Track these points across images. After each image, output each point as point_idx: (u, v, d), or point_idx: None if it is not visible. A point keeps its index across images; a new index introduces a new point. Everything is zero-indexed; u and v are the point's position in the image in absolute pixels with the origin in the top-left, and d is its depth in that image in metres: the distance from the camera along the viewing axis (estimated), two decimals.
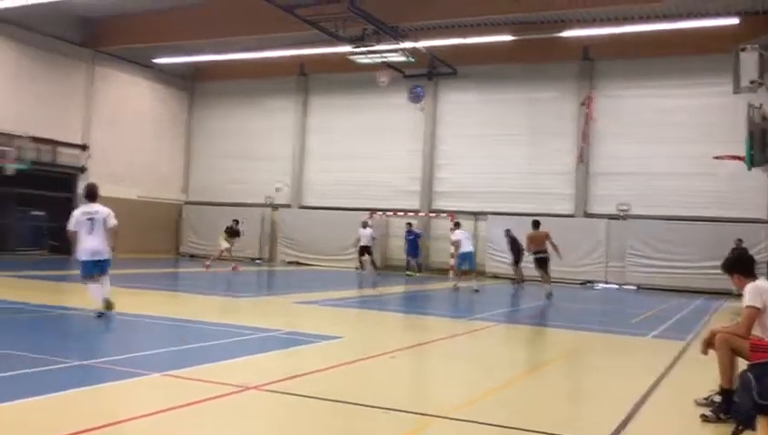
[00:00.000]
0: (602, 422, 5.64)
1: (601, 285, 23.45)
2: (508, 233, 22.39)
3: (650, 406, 6.26)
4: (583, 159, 24.37)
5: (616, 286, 23.27)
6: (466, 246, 18.17)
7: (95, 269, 9.87)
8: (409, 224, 25.68)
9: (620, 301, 19.19)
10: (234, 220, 22.83)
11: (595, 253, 23.78)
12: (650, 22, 21.61)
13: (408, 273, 24.56)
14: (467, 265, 18.33)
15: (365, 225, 24.63)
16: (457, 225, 19.38)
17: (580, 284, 23.60)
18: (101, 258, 9.88)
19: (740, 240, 20.36)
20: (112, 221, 9.95)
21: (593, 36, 23.13)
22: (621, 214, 23.95)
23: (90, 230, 9.79)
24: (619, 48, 23.56)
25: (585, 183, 24.53)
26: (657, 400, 6.57)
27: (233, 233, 22.21)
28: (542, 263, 17.46)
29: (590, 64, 24.66)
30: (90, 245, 9.80)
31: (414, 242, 25.26)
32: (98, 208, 9.98)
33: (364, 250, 24.25)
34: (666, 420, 6.03)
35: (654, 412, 6.12)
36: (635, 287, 22.92)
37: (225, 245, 22.13)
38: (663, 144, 23.40)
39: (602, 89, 24.54)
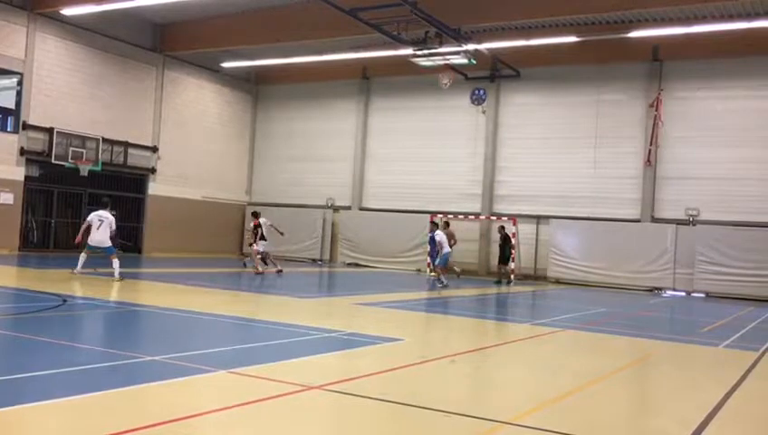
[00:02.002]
0: None
1: (669, 293, 22.80)
2: (502, 230, 23.36)
3: (721, 419, 6.02)
4: (651, 162, 23.73)
5: (684, 294, 22.60)
6: (447, 247, 19.72)
7: (100, 251, 15.39)
8: (435, 224, 24.51)
9: (689, 309, 18.61)
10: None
11: (662, 259, 23.11)
12: (724, 21, 20.88)
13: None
14: (443, 264, 19.85)
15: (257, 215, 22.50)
16: (436, 225, 21.90)
17: (647, 290, 23.00)
18: (104, 246, 15.34)
19: None
20: (113, 225, 15.50)
21: (663, 36, 22.50)
22: (690, 219, 23.22)
23: (98, 227, 15.21)
24: (690, 48, 22.85)
25: (652, 187, 23.87)
26: (729, 413, 6.32)
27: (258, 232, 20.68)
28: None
29: (659, 65, 23.98)
30: (96, 237, 15.23)
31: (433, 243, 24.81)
32: (107, 214, 15.47)
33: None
34: (738, 434, 5.81)
35: (724, 426, 5.89)
36: (703, 295, 22.21)
37: (255, 246, 20.82)
38: (735, 147, 22.60)
39: (672, 90, 23.82)
